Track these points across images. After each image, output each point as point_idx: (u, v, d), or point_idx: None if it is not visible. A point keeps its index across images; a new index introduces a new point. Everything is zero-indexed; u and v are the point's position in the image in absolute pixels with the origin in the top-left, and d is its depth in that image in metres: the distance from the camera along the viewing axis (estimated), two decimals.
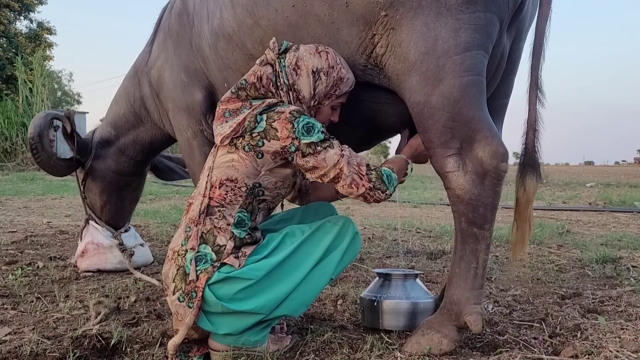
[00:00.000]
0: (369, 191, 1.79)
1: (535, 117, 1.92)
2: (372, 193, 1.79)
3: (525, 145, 1.92)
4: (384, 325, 2.06)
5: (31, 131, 2.99)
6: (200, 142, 2.52)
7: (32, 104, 18.80)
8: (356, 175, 1.78)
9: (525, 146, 1.92)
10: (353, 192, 1.79)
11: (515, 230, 1.98)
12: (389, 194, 1.82)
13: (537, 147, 1.92)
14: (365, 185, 1.78)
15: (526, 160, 1.92)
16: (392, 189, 1.83)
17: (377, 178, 1.80)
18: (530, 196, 1.93)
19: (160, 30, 2.76)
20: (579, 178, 16.97)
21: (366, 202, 1.82)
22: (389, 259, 3.69)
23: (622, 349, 1.85)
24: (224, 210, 1.81)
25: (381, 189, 1.80)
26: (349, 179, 1.77)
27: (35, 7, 26.64)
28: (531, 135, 1.91)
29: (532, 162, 1.91)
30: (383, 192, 1.81)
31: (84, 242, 3.32)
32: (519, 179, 1.92)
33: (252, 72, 1.89)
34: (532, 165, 1.91)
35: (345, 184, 1.77)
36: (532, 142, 1.91)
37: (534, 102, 1.92)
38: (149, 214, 6.21)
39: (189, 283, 1.75)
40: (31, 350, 1.88)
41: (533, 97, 1.92)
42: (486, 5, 1.75)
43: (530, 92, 1.93)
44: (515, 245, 1.99)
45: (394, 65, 1.82)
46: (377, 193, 1.80)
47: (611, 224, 5.86)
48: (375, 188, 1.79)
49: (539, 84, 1.92)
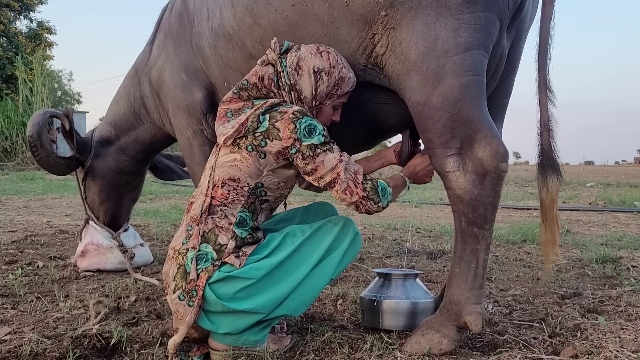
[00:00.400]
0: (361, 200, 1.79)
1: (547, 116, 1.90)
2: (365, 202, 1.80)
3: (542, 145, 1.91)
4: (384, 325, 2.06)
5: (30, 129, 2.99)
6: (200, 141, 2.52)
7: (32, 104, 18.81)
8: (352, 183, 1.78)
9: (541, 147, 1.91)
10: (346, 198, 1.79)
11: (544, 231, 1.96)
12: (382, 206, 1.83)
13: (553, 147, 1.90)
14: (359, 193, 1.78)
15: (545, 160, 1.90)
16: (385, 202, 1.83)
17: (372, 188, 1.80)
18: (554, 196, 1.91)
19: (161, 30, 2.76)
20: (579, 178, 16.96)
21: (357, 211, 1.82)
22: (389, 259, 3.70)
23: (622, 349, 1.85)
24: (225, 209, 1.81)
25: (374, 200, 1.80)
26: (344, 185, 1.77)
27: (36, 7, 26.65)
28: (546, 135, 1.90)
29: (550, 161, 1.90)
30: (375, 204, 1.81)
31: (83, 243, 3.31)
32: (541, 180, 1.91)
33: (254, 72, 1.89)
34: (551, 165, 1.89)
35: (340, 190, 1.78)
36: (547, 142, 1.90)
37: (544, 102, 1.91)
38: (149, 214, 6.21)
39: (190, 282, 1.75)
40: (31, 349, 1.88)
41: (543, 97, 1.91)
42: (486, 5, 1.75)
43: (540, 93, 1.92)
44: (546, 247, 1.97)
45: (394, 65, 1.82)
46: (369, 203, 1.80)
47: (611, 224, 5.86)
48: (369, 198, 1.79)
49: (547, 84, 1.92)
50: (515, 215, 6.72)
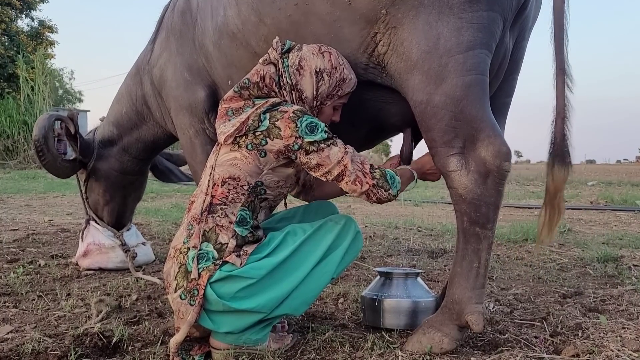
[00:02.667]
0: (372, 188, 1.78)
1: (563, 103, 1.82)
2: (376, 190, 1.79)
3: (554, 134, 1.85)
4: (385, 324, 2.06)
5: (36, 133, 2.97)
6: (202, 140, 2.52)
7: (34, 102, 18.83)
8: (360, 172, 1.77)
9: (554, 135, 1.85)
10: (357, 189, 1.78)
11: (543, 213, 1.91)
12: (392, 194, 1.82)
13: (566, 135, 1.84)
14: (369, 182, 1.78)
15: (555, 149, 1.86)
16: (395, 190, 1.82)
17: (381, 176, 1.80)
18: (559, 185, 1.87)
19: (163, 28, 2.75)
20: (581, 177, 16.92)
21: (369, 200, 1.81)
22: (390, 258, 3.69)
23: (623, 348, 1.85)
24: (226, 208, 1.81)
25: (384, 187, 1.80)
26: (353, 176, 1.77)
27: (37, 5, 26.63)
28: (560, 123, 1.83)
29: (560, 151, 1.85)
30: (386, 191, 1.80)
31: (85, 243, 3.31)
32: (548, 168, 1.88)
33: (255, 71, 1.89)
34: (560, 155, 1.85)
35: (350, 181, 1.77)
36: (560, 131, 1.84)
37: (561, 88, 1.82)
38: (151, 212, 6.22)
39: (191, 281, 1.75)
40: (33, 348, 1.88)
41: (560, 83, 1.83)
42: (489, 4, 1.74)
43: (557, 78, 1.83)
44: (542, 228, 1.92)
45: (396, 64, 1.81)
46: (380, 191, 1.79)
47: (613, 223, 5.85)
48: (379, 185, 1.79)
49: (565, 69, 1.82)
50: (516, 214, 6.72)
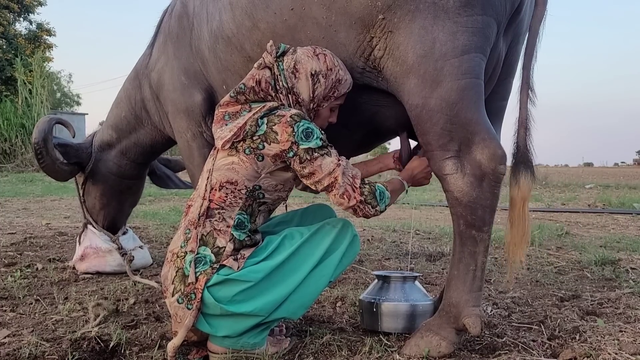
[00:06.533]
0: (359, 204, 1.79)
1: (526, 115, 1.92)
2: (362, 207, 1.80)
3: (517, 143, 1.92)
4: (383, 328, 2.06)
5: (36, 136, 2.97)
6: (199, 144, 2.53)
7: (32, 105, 18.78)
8: (349, 187, 1.78)
9: (517, 144, 1.92)
10: (344, 202, 1.79)
11: (511, 230, 1.90)
12: (380, 210, 1.83)
13: (529, 145, 1.91)
14: (356, 197, 1.78)
15: (519, 158, 1.90)
16: (382, 206, 1.84)
17: (370, 193, 1.81)
18: (525, 194, 1.89)
19: (161, 33, 2.76)
20: (578, 179, 16.97)
21: (355, 215, 1.82)
22: (388, 261, 3.70)
23: (621, 351, 1.86)
24: (223, 212, 1.81)
25: (371, 204, 1.81)
26: (342, 189, 1.77)
27: (35, 9, 26.63)
28: (522, 133, 1.91)
29: (525, 159, 1.90)
30: (373, 208, 1.81)
31: (82, 247, 3.31)
32: (513, 177, 1.90)
33: (251, 76, 1.89)
34: (525, 163, 1.89)
35: (338, 194, 1.78)
36: (523, 140, 1.91)
37: (525, 100, 1.93)
38: (148, 216, 6.21)
39: (188, 285, 1.75)
40: (30, 352, 1.88)
41: (524, 96, 1.93)
42: (484, 8, 1.76)
43: (521, 91, 1.94)
44: (514, 247, 1.91)
45: (392, 67, 1.82)
46: (367, 207, 1.80)
47: (610, 226, 5.86)
48: (366, 202, 1.80)
49: (530, 83, 1.93)
50: None
